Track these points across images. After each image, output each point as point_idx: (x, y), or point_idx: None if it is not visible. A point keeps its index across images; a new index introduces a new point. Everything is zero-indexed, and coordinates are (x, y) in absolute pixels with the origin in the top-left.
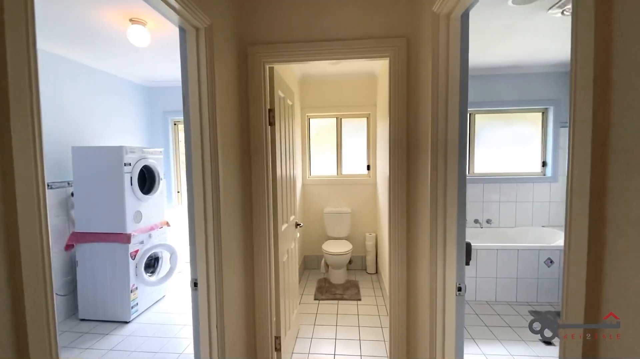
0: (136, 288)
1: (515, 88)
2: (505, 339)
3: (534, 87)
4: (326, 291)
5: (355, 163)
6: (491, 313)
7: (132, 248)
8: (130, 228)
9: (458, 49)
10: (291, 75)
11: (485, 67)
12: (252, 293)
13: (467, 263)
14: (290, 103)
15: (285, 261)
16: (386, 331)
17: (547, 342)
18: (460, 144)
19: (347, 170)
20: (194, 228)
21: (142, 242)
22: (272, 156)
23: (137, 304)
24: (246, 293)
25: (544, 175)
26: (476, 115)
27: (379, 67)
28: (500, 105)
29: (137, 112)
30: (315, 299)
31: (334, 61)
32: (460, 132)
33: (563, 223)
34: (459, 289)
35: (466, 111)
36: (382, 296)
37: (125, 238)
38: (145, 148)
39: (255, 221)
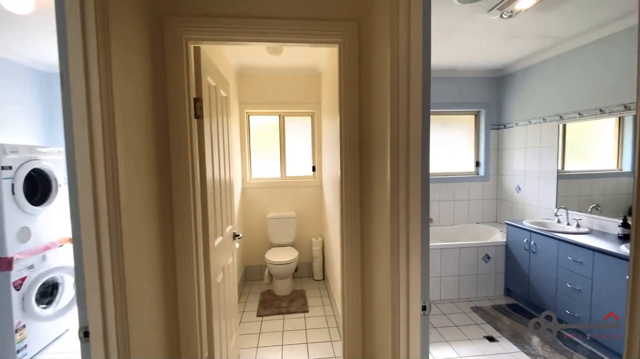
0: (23, 327)
1: (452, 91)
2: (453, 341)
3: (469, 90)
4: (270, 305)
5: (300, 164)
6: (437, 313)
7: (15, 275)
8: (11, 250)
9: (420, 34)
10: (226, 65)
11: None
12: (177, 328)
13: None
14: (224, 94)
15: (220, 281)
16: (337, 346)
17: (491, 339)
18: (424, 141)
19: (291, 171)
20: (81, 256)
21: (31, 267)
22: (200, 155)
23: (25, 346)
24: (167, 331)
25: (478, 174)
26: None
27: (324, 63)
28: (438, 107)
29: (31, 103)
30: (258, 315)
31: (275, 50)
32: (423, 127)
33: (495, 220)
34: (424, 308)
35: (429, 105)
36: (331, 304)
37: (4, 264)
38: (38, 147)
39: (177, 238)
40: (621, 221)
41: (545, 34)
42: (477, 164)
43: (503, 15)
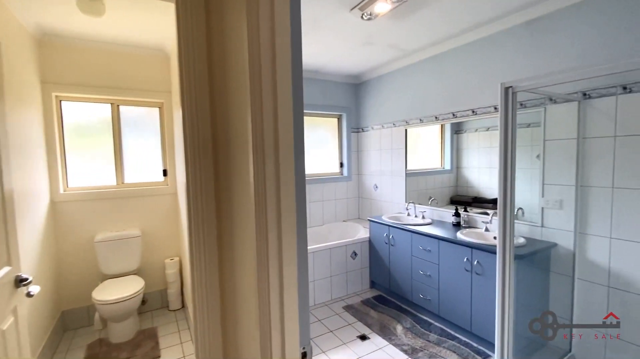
0: None
1: (317, 93)
2: (329, 349)
3: (332, 94)
4: None
5: (145, 167)
6: (313, 320)
7: None
8: None
9: (287, 8)
10: (3, 21)
11: None
12: None
13: None
14: None
15: None
16: None
17: (363, 337)
18: (297, 140)
19: (132, 177)
20: None
21: None
22: None
23: None
24: None
25: (342, 174)
26: None
27: (174, 42)
28: (307, 107)
29: None
30: None
31: (92, 8)
32: (295, 123)
33: (358, 217)
34: (304, 355)
35: (301, 99)
36: (191, 339)
37: None
38: None
39: None
40: (453, 212)
41: (395, 45)
42: (341, 165)
43: (364, 16)
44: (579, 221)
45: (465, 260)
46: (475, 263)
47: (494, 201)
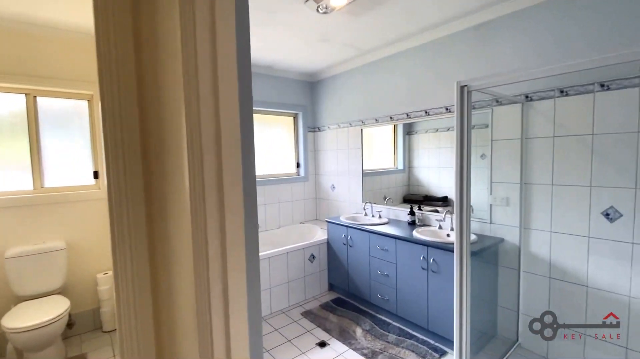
0: None
1: (272, 91)
2: None
3: (287, 92)
4: None
5: (71, 169)
6: (270, 330)
7: None
8: None
9: None
10: None
11: None
12: None
13: None
14: None
15: None
16: None
17: (322, 344)
18: (245, 138)
19: (55, 180)
20: None
21: None
22: None
23: None
24: None
25: (299, 175)
26: None
27: None
28: (260, 105)
29: None
30: None
31: None
32: (242, 118)
33: (316, 218)
34: None
35: (250, 91)
36: None
37: None
38: None
39: None
40: (408, 211)
41: (352, 44)
42: (298, 165)
43: (319, 9)
44: (524, 217)
45: (421, 258)
46: (431, 261)
47: (443, 199)
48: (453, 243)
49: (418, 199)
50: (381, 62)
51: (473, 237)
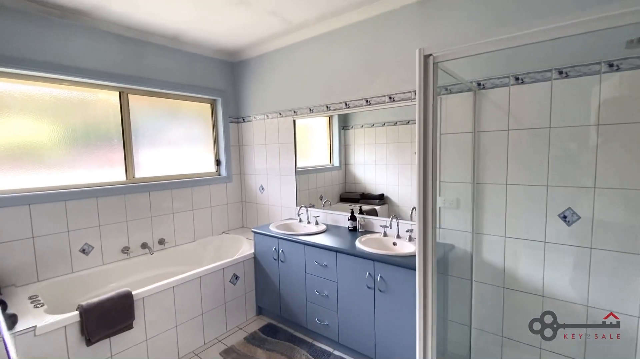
0: None
1: (180, 69)
2: None
3: (202, 72)
4: None
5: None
6: None
7: None
8: None
9: None
10: None
11: (137, 28)
12: None
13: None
14: None
15: None
16: None
17: None
18: None
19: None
20: None
21: None
22: None
23: None
24: None
25: (219, 174)
26: (130, 96)
27: None
28: (162, 86)
29: None
30: None
31: None
32: None
33: (242, 225)
34: None
35: None
36: None
37: None
38: None
39: None
40: (349, 215)
41: (277, 12)
42: (218, 163)
43: None
44: (476, 221)
45: (367, 275)
46: (378, 278)
47: (379, 197)
48: (403, 256)
49: (355, 197)
50: (315, 42)
51: None
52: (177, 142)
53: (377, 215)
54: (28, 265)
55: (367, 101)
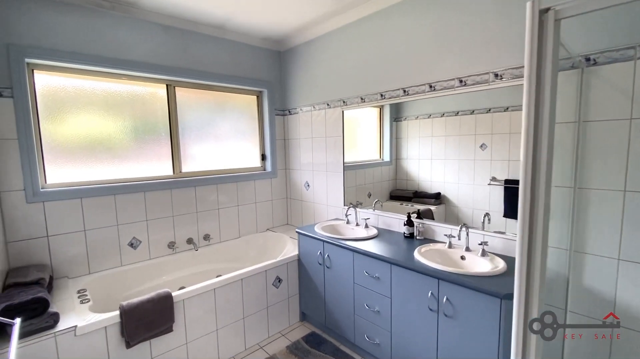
0: None
1: (227, 59)
2: None
3: (248, 61)
4: None
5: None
6: None
7: None
8: None
9: None
10: None
11: (183, 17)
12: None
13: None
14: None
15: None
16: None
17: None
18: None
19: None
20: None
21: None
22: None
23: None
24: None
25: (265, 170)
26: (177, 89)
27: None
28: (208, 78)
29: None
30: None
31: None
32: None
33: (287, 222)
34: None
35: None
36: None
37: None
38: None
39: None
40: (405, 219)
41: None
42: (263, 157)
43: None
44: (575, 236)
45: (429, 294)
46: (443, 300)
47: (435, 196)
48: (477, 276)
49: (407, 196)
50: (369, 21)
51: (500, 266)
52: (223, 135)
53: (433, 217)
54: (80, 258)
55: (430, 86)
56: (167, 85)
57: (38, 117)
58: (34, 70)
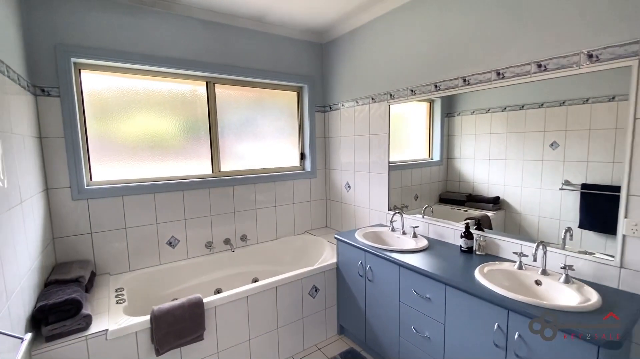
0: None
1: (266, 53)
2: None
3: (288, 55)
4: None
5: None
6: None
7: None
8: None
9: None
10: None
11: (221, 10)
12: None
13: None
14: None
15: None
16: None
17: None
18: None
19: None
20: None
21: None
22: None
23: None
24: None
25: (304, 169)
26: (216, 86)
27: None
28: (248, 74)
29: None
30: None
31: None
32: None
33: (326, 225)
34: None
35: None
36: None
37: None
38: None
39: None
40: (463, 230)
41: None
42: (303, 156)
43: None
44: None
45: (495, 327)
46: (515, 337)
47: (494, 201)
48: (558, 309)
49: (459, 199)
50: (420, 3)
51: (593, 299)
52: (262, 133)
53: (490, 225)
54: (121, 255)
55: (498, 73)
56: (206, 82)
57: (85, 115)
58: (81, 70)
